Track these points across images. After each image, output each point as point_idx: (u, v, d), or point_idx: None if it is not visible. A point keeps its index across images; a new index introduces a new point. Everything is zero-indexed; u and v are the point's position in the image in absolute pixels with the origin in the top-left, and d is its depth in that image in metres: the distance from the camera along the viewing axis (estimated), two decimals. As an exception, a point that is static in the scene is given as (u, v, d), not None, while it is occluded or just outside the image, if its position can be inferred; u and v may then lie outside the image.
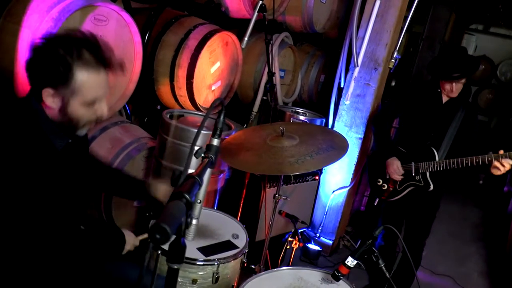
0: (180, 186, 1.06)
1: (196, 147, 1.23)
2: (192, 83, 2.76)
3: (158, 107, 3.13)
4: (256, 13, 2.65)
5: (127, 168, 2.54)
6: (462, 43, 8.01)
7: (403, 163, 2.91)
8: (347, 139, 2.30)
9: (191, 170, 1.14)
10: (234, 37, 3.04)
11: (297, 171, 2.05)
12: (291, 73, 4.21)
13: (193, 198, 1.00)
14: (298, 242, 2.86)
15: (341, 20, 4.46)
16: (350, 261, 1.77)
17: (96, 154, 2.04)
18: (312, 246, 3.67)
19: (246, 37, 2.66)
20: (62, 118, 1.45)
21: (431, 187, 2.86)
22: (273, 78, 2.97)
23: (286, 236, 3.07)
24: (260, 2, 2.65)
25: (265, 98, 3.40)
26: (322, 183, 3.81)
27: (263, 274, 1.92)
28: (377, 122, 3.13)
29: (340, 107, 3.76)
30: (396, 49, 3.57)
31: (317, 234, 3.89)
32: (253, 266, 2.50)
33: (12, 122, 1.41)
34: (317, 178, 3.55)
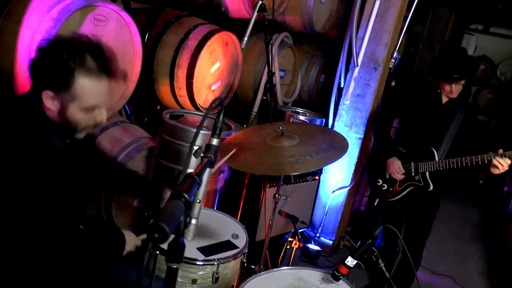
0: (179, 185, 1.05)
1: (195, 147, 1.23)
2: (192, 83, 2.76)
3: (158, 107, 3.13)
4: (255, 13, 2.65)
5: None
6: (462, 43, 8.00)
7: (403, 163, 2.91)
8: (347, 139, 2.30)
9: (190, 170, 1.15)
10: (234, 37, 3.04)
11: (297, 171, 2.05)
12: (291, 73, 4.21)
13: (192, 198, 1.00)
14: (298, 242, 2.86)
15: (341, 20, 4.46)
16: (350, 261, 1.77)
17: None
18: (312, 246, 3.67)
19: (245, 37, 2.66)
20: (60, 120, 1.45)
21: (430, 187, 2.85)
22: (273, 78, 2.96)
23: (286, 236, 3.07)
24: (259, 2, 2.65)
25: (265, 98, 3.40)
26: (322, 183, 3.81)
27: (263, 274, 1.92)
28: (377, 122, 3.13)
29: (340, 107, 3.76)
30: (396, 49, 3.57)
31: (317, 234, 3.89)
32: (253, 266, 2.50)
33: (11, 118, 1.41)
34: (317, 178, 3.54)
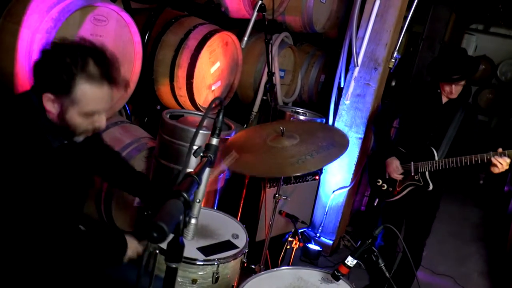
0: (178, 184, 1.05)
1: (195, 147, 1.23)
2: (192, 83, 2.76)
3: (158, 107, 3.13)
4: (255, 13, 2.65)
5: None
6: (462, 43, 8.00)
7: (403, 163, 2.91)
8: (346, 150, 2.26)
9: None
10: (234, 37, 3.04)
11: (298, 172, 2.03)
12: (291, 73, 4.21)
13: (192, 197, 1.00)
14: (298, 242, 2.86)
15: (341, 20, 4.46)
16: (350, 261, 1.77)
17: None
18: (312, 246, 3.67)
19: (245, 37, 2.66)
20: (60, 122, 1.45)
21: (430, 187, 2.85)
22: (273, 78, 2.96)
23: (286, 236, 3.07)
24: (259, 2, 2.65)
25: (265, 98, 3.40)
26: (322, 183, 3.81)
27: (263, 274, 1.92)
28: (377, 122, 3.13)
29: (340, 107, 3.76)
30: (396, 49, 3.57)
31: (317, 234, 3.89)
32: (253, 266, 2.50)
33: (10, 115, 1.41)
34: (317, 178, 3.55)
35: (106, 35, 2.32)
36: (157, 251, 1.63)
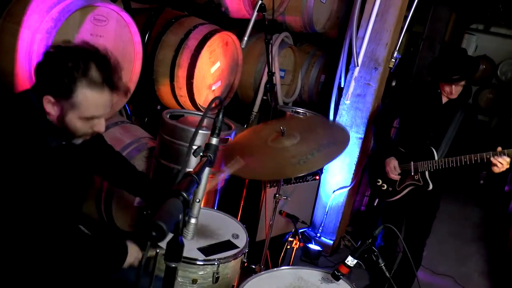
0: (177, 184, 1.05)
1: (195, 146, 1.23)
2: (192, 83, 2.76)
3: (158, 107, 3.13)
4: (255, 13, 2.65)
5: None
6: (462, 43, 7.99)
7: (403, 163, 2.91)
8: (347, 146, 2.25)
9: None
10: (234, 37, 3.04)
11: (300, 173, 2.00)
12: (291, 73, 4.21)
13: (191, 196, 1.00)
14: (298, 242, 2.86)
15: (341, 20, 4.46)
16: (350, 261, 1.77)
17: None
18: (313, 246, 3.67)
19: (245, 37, 2.66)
20: (59, 124, 1.45)
21: (430, 187, 2.85)
22: (273, 78, 2.96)
23: (287, 236, 3.07)
24: (259, 2, 2.64)
25: (265, 98, 3.40)
26: (322, 183, 3.81)
27: (263, 273, 1.91)
28: (377, 122, 3.13)
29: (340, 107, 3.76)
30: (396, 49, 3.57)
31: (318, 234, 3.89)
32: (254, 266, 2.50)
33: (9, 113, 1.41)
34: (317, 178, 3.54)
35: (106, 35, 2.32)
36: (158, 250, 1.63)
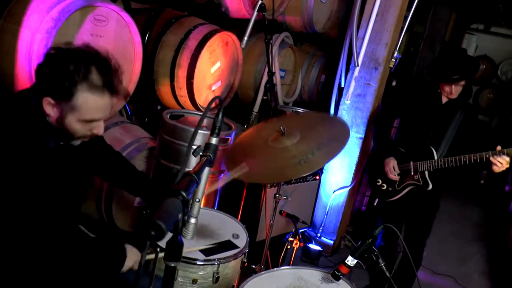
0: (177, 183, 1.05)
1: (194, 146, 1.23)
2: (193, 83, 2.76)
3: (159, 107, 3.13)
4: (255, 13, 2.65)
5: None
6: (463, 42, 7.99)
7: (403, 163, 2.91)
8: (347, 142, 2.24)
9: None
10: (234, 37, 3.04)
11: (301, 174, 1.99)
12: (291, 73, 4.21)
13: (190, 196, 1.00)
14: (299, 242, 2.86)
15: (341, 20, 4.46)
16: (350, 261, 1.77)
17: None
18: (313, 246, 3.67)
19: (245, 37, 2.66)
20: (58, 126, 1.45)
21: (429, 186, 2.85)
22: (273, 78, 2.96)
23: (287, 236, 3.07)
24: (259, 2, 2.64)
25: (265, 98, 3.39)
26: (322, 183, 3.81)
27: (263, 273, 1.91)
28: (377, 122, 3.13)
29: (340, 106, 3.76)
30: (397, 49, 3.57)
31: (318, 234, 3.89)
32: (254, 266, 2.50)
33: (6, 113, 1.41)
34: (317, 178, 3.54)
35: (106, 35, 2.32)
36: (158, 249, 1.62)
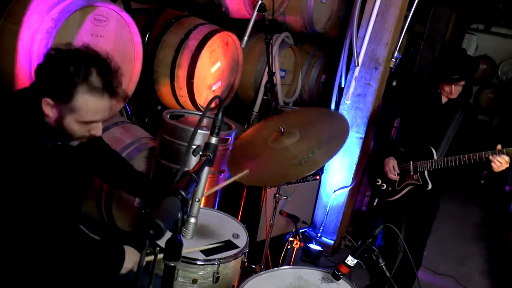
0: (176, 183, 1.05)
1: (194, 146, 1.23)
2: (193, 83, 2.77)
3: (159, 108, 3.13)
4: (255, 13, 2.65)
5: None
6: (463, 42, 7.98)
7: (402, 163, 2.91)
8: (347, 138, 2.24)
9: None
10: (235, 37, 3.04)
11: (302, 174, 1.97)
12: (291, 73, 4.21)
13: (189, 195, 1.00)
14: (299, 242, 2.86)
15: (342, 19, 4.46)
16: (350, 260, 1.77)
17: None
18: (313, 246, 3.67)
19: (245, 37, 2.66)
20: (56, 126, 1.45)
21: (429, 186, 2.85)
22: (274, 78, 2.96)
23: (287, 236, 3.07)
24: (259, 2, 2.64)
25: (265, 98, 3.39)
26: (323, 183, 3.81)
27: (263, 273, 1.91)
28: (377, 122, 3.13)
29: (341, 106, 3.76)
30: (397, 49, 3.57)
31: (318, 234, 3.89)
32: (254, 266, 2.50)
33: (4, 112, 1.41)
34: (318, 177, 3.54)
35: (106, 35, 2.32)
36: (158, 248, 1.62)
